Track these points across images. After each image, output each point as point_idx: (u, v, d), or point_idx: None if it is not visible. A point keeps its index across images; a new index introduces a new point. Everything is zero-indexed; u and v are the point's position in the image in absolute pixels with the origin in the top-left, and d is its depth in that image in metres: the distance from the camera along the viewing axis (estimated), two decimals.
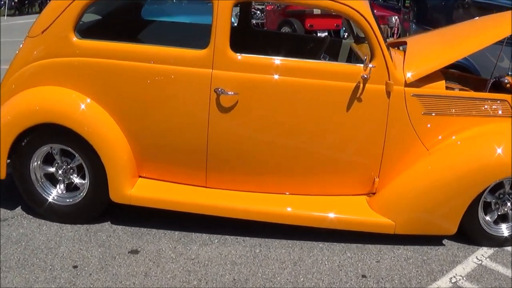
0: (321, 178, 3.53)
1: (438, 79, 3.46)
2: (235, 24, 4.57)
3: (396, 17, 11.51)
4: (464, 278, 3.22)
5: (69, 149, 3.48)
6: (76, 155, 3.49)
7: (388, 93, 3.32)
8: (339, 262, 3.33)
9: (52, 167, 3.63)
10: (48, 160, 3.63)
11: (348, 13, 3.22)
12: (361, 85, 3.27)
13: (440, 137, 3.46)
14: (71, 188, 3.66)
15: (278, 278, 3.15)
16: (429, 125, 3.43)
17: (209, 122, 3.33)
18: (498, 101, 3.46)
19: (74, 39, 3.35)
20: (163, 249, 3.39)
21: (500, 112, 3.48)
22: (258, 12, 14.29)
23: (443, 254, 3.44)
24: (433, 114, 3.41)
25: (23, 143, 3.47)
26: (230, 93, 3.25)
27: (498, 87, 3.80)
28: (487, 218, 3.51)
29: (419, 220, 3.40)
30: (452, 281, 3.20)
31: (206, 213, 3.48)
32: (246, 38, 4.37)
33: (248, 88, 3.27)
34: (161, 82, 3.31)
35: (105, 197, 3.50)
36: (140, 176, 3.60)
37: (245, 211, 3.46)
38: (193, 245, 3.45)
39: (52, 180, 3.66)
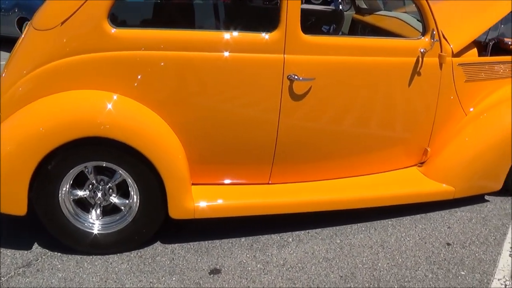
0: (378, 157, 3.43)
1: (471, 47, 3.58)
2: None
3: None
4: None
5: (112, 165, 2.84)
6: (120, 171, 2.87)
7: (441, 65, 3.33)
8: (419, 235, 3.30)
9: (83, 190, 2.94)
10: (76, 182, 2.93)
11: None
12: (421, 59, 3.23)
13: (475, 102, 3.63)
14: (107, 211, 3.03)
15: (379, 264, 3.00)
16: (468, 91, 3.55)
17: (280, 113, 2.98)
18: None
19: (111, 29, 2.69)
20: (244, 261, 3.00)
21: None
22: None
23: (495, 209, 3.65)
24: (473, 80, 3.53)
25: (49, 167, 2.73)
26: (306, 79, 2.93)
27: (497, 48, 4.09)
28: None
29: (475, 182, 3.53)
30: None
31: (275, 212, 3.16)
32: (243, 14, 3.99)
33: (324, 72, 2.98)
34: (224, 73, 2.84)
35: (160, 215, 2.95)
36: (192, 184, 3.11)
37: (315, 203, 3.21)
38: (271, 250, 3.10)
39: (79, 204, 2.98)
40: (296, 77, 2.92)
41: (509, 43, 3.94)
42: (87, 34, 2.68)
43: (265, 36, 2.86)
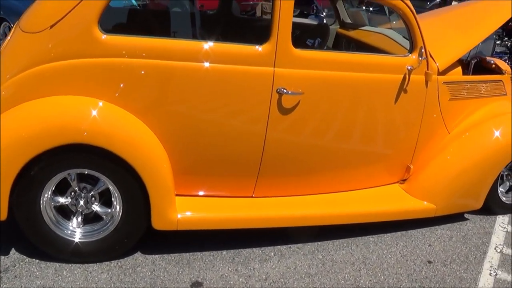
0: (361, 173, 3.45)
1: (455, 65, 3.64)
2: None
3: None
4: (504, 246, 3.51)
5: (96, 173, 2.79)
6: (104, 179, 2.82)
7: (427, 83, 3.37)
8: (400, 252, 3.32)
9: (64, 197, 2.88)
10: (57, 189, 2.87)
11: (394, 2, 3.14)
12: (407, 76, 3.27)
13: (458, 120, 3.68)
14: (88, 219, 2.97)
15: (361, 281, 3.00)
16: (451, 109, 3.60)
17: (268, 126, 2.97)
18: (502, 82, 3.81)
19: (102, 35, 2.66)
20: (226, 274, 2.96)
21: (502, 91, 3.84)
22: None
23: (475, 228, 3.69)
24: (456, 98, 3.58)
25: (32, 172, 2.68)
26: (294, 93, 2.93)
27: (477, 67, 4.16)
28: (501, 189, 3.86)
29: (456, 200, 3.57)
30: (497, 250, 3.45)
31: (258, 226, 3.14)
32: (230, 26, 3.98)
33: (313, 87, 2.99)
34: (213, 84, 2.83)
35: (143, 225, 2.91)
36: (176, 195, 3.07)
37: (298, 218, 3.20)
38: (253, 263, 3.08)
39: (60, 211, 2.92)
40: (285, 90, 2.92)
41: (491, 62, 4.02)
42: (76, 38, 2.64)
43: (255, 48, 2.86)
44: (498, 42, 6.90)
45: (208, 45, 2.81)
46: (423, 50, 3.23)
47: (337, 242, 3.37)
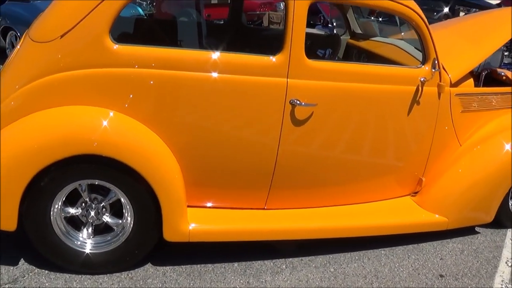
0: (373, 185, 3.42)
1: (467, 77, 3.63)
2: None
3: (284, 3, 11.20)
4: None
5: (107, 183, 2.77)
6: (115, 190, 2.79)
7: (439, 95, 3.35)
8: (412, 266, 3.28)
9: (75, 208, 2.86)
10: (67, 199, 2.84)
11: (408, 14, 3.12)
12: (420, 88, 3.25)
13: (469, 132, 3.66)
14: (98, 230, 2.94)
15: None
16: (463, 122, 3.58)
17: (281, 138, 2.95)
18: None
19: (112, 45, 2.64)
20: (237, 286, 2.92)
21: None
22: (144, 3, 12.70)
23: (486, 241, 3.65)
24: (468, 110, 3.57)
25: (42, 183, 2.65)
26: (308, 104, 2.91)
27: (488, 78, 4.15)
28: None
29: (467, 214, 3.54)
30: (508, 264, 3.41)
31: (270, 239, 3.12)
32: (241, 36, 3.97)
33: (326, 98, 2.97)
34: (226, 95, 2.81)
35: (154, 237, 2.88)
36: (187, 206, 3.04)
37: (310, 230, 3.17)
38: (264, 276, 3.04)
39: (71, 222, 2.90)
40: (298, 102, 2.90)
41: (502, 74, 4.01)
42: (87, 48, 2.62)
43: (269, 59, 2.84)
44: (506, 53, 6.91)
45: (220, 55, 2.80)
46: (436, 62, 3.21)
47: (349, 255, 3.34)
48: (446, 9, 7.40)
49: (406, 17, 3.18)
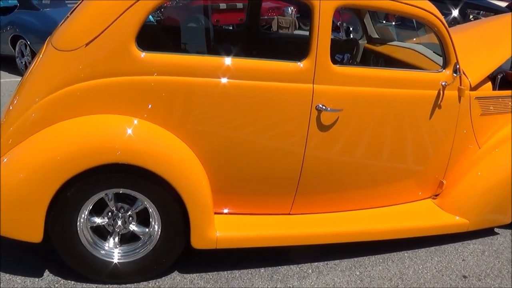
0: (396, 189, 3.42)
1: (485, 81, 3.64)
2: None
3: (292, 7, 11.23)
4: None
5: (134, 192, 2.74)
6: (142, 199, 2.76)
7: (460, 98, 3.37)
8: (435, 268, 3.29)
9: (101, 218, 2.83)
10: (93, 209, 2.81)
11: (429, 18, 3.13)
12: (441, 92, 3.26)
13: (488, 135, 3.67)
14: (124, 239, 2.91)
15: None
16: (482, 125, 3.60)
17: (307, 143, 2.94)
18: None
19: (139, 52, 2.61)
20: None
21: None
22: None
23: (505, 242, 3.67)
24: (487, 113, 3.58)
25: (68, 193, 2.61)
26: (333, 109, 2.91)
27: (503, 81, 4.16)
28: None
29: (487, 215, 3.55)
30: None
31: (296, 244, 3.12)
32: (259, 41, 3.94)
33: (352, 103, 2.97)
34: (252, 102, 2.79)
35: (181, 244, 2.86)
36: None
37: (335, 235, 3.16)
38: (291, 281, 3.03)
39: (96, 232, 2.87)
40: (324, 107, 2.89)
41: None
42: (113, 56, 2.59)
43: (295, 65, 2.84)
44: None
45: (247, 61, 2.79)
46: (458, 66, 3.22)
47: (373, 258, 3.34)
48: (454, 13, 7.41)
49: (428, 22, 3.17)
